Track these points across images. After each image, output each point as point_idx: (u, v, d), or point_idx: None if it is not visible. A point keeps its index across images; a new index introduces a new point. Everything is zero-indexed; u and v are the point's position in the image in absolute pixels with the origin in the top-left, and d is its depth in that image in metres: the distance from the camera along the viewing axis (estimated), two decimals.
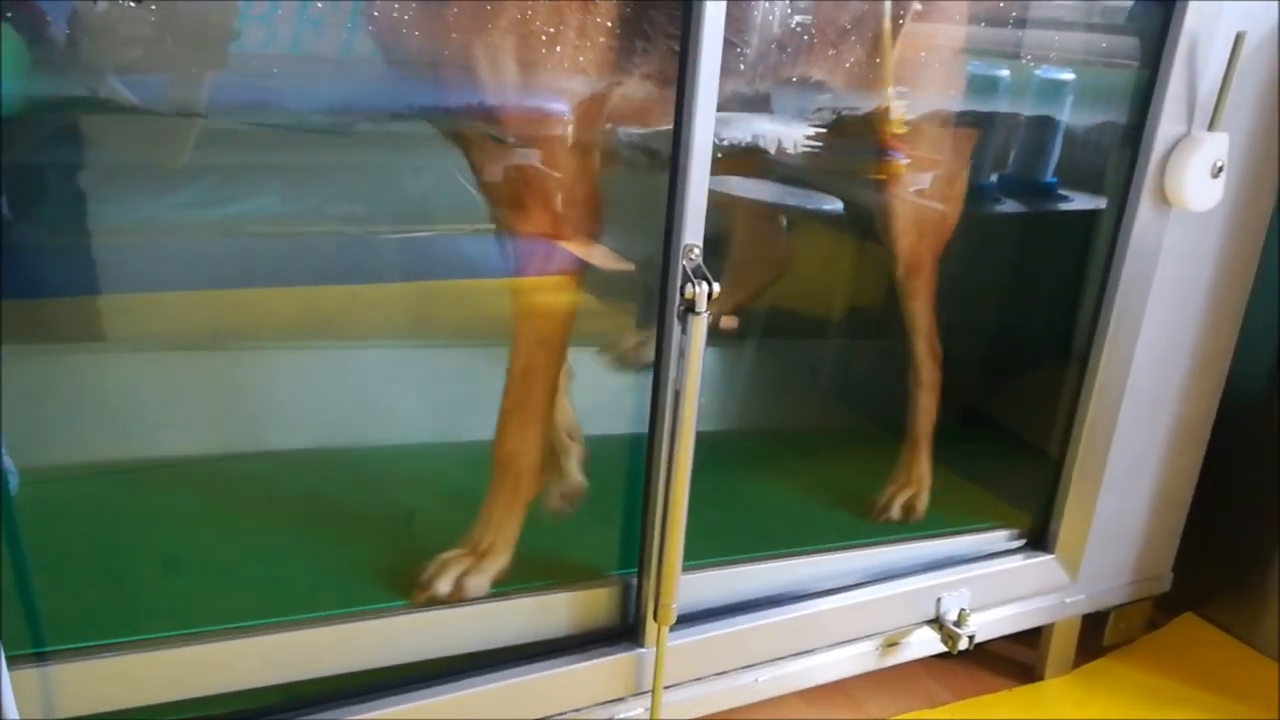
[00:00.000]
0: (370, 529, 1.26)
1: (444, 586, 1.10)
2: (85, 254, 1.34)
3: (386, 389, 1.48)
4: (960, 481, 1.53)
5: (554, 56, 1.02)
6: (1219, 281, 1.34)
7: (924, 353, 1.43)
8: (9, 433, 1.07)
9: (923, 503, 1.42)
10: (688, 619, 1.14)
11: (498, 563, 1.13)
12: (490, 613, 1.09)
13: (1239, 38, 1.17)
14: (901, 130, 1.35)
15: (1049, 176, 1.64)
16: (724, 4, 0.92)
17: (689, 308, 0.98)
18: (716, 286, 0.97)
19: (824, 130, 1.34)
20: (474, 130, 1.07)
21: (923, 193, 1.40)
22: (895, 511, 1.40)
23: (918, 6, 1.29)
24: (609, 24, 1.04)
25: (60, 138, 1.23)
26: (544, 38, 1.01)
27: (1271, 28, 1.22)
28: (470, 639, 1.08)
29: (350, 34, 0.99)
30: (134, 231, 1.39)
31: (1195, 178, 1.21)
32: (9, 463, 1.08)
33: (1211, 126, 1.21)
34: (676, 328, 1.00)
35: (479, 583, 1.11)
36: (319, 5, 0.97)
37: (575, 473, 1.32)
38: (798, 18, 1.22)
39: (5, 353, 1.17)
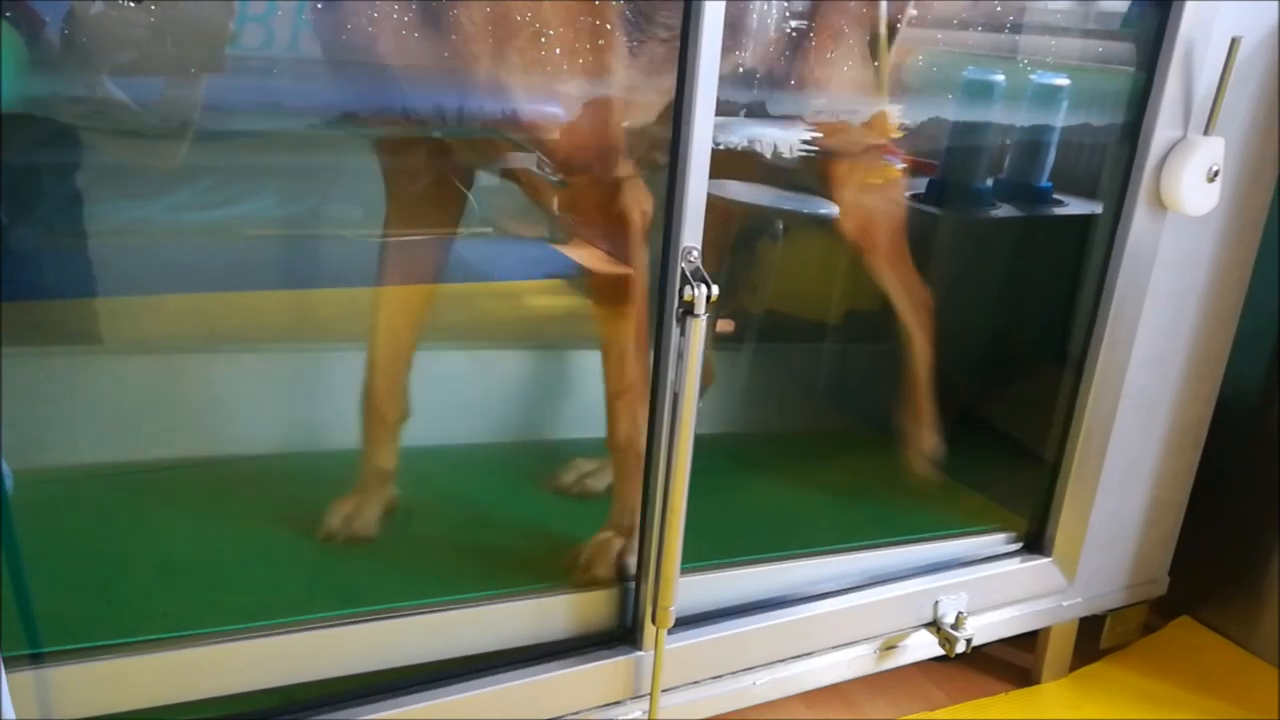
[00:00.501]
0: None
1: (604, 570, 1.15)
2: (80, 256, 1.34)
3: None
4: (957, 485, 1.53)
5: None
6: (1214, 285, 1.34)
7: (908, 308, 1.45)
8: (4, 435, 1.06)
9: (938, 445, 1.47)
10: (686, 622, 1.14)
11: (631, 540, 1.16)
12: (489, 615, 1.08)
13: (1234, 42, 1.18)
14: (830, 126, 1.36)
15: (1045, 181, 1.65)
16: (723, 4, 0.92)
17: (688, 310, 0.98)
18: (715, 289, 0.97)
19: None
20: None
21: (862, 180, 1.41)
22: (920, 463, 1.46)
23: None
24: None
25: (54, 139, 1.23)
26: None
27: (1267, 32, 1.23)
28: (468, 642, 1.07)
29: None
30: (128, 234, 1.38)
31: (1191, 182, 1.21)
32: (4, 465, 1.07)
33: (1207, 131, 1.22)
34: (675, 330, 1.00)
35: (632, 560, 1.15)
36: (318, 5, 0.97)
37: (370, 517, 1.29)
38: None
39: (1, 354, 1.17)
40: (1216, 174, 1.22)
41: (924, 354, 1.48)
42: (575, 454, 1.43)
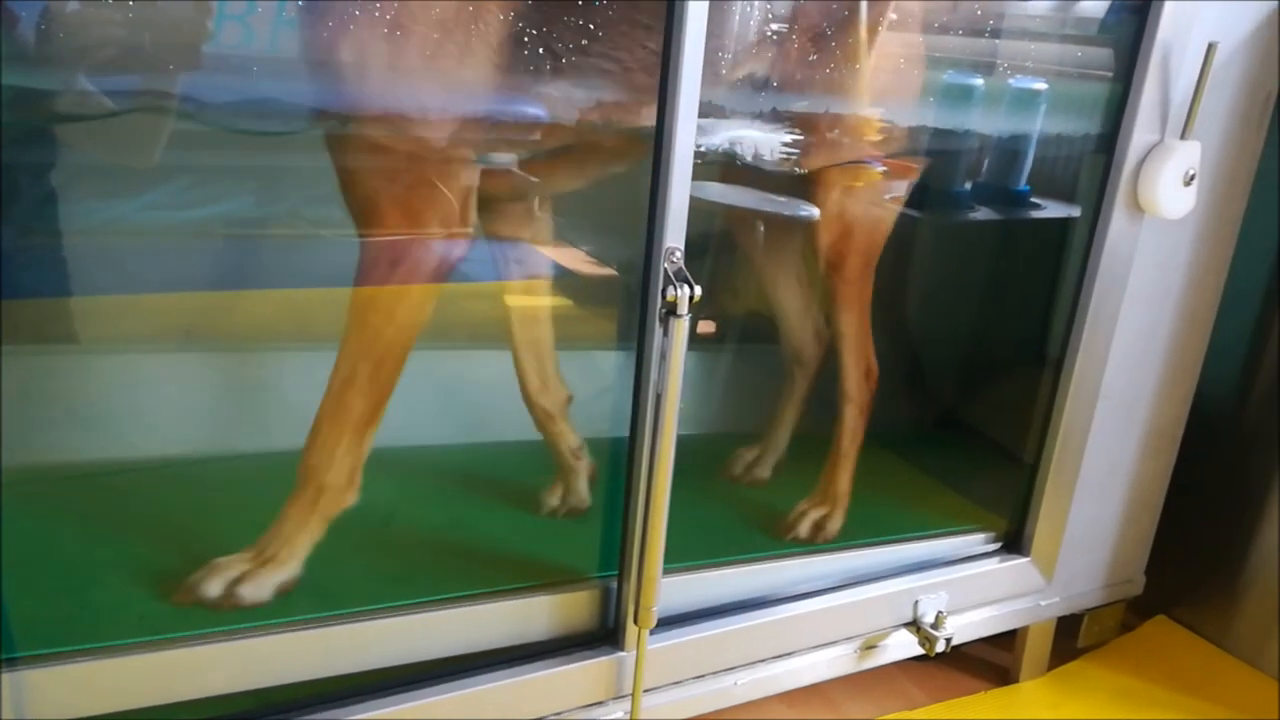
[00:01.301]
0: (345, 532, 1.25)
1: (213, 590, 1.05)
2: (55, 256, 1.32)
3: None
4: (936, 485, 1.54)
5: None
6: (1191, 287, 1.36)
7: (851, 366, 1.37)
8: None
9: (835, 525, 1.37)
10: (667, 622, 1.14)
11: (280, 574, 1.08)
12: (470, 616, 1.08)
13: (1211, 47, 1.19)
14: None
15: (1023, 185, 1.66)
16: (706, 5, 0.92)
17: (670, 310, 0.98)
18: (698, 290, 0.98)
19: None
20: None
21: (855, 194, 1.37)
22: (804, 530, 1.35)
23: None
24: None
25: (28, 138, 1.22)
26: None
27: (1243, 37, 1.24)
28: (449, 643, 1.07)
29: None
30: (104, 233, 1.37)
31: (1168, 185, 1.23)
32: None
33: (1184, 135, 1.23)
34: (658, 330, 1.00)
35: (257, 591, 1.06)
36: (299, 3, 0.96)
37: (583, 491, 1.33)
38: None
39: None
40: (1193, 178, 1.23)
41: (854, 427, 1.39)
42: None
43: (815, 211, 1.35)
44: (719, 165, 1.34)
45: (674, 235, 0.99)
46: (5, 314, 1.27)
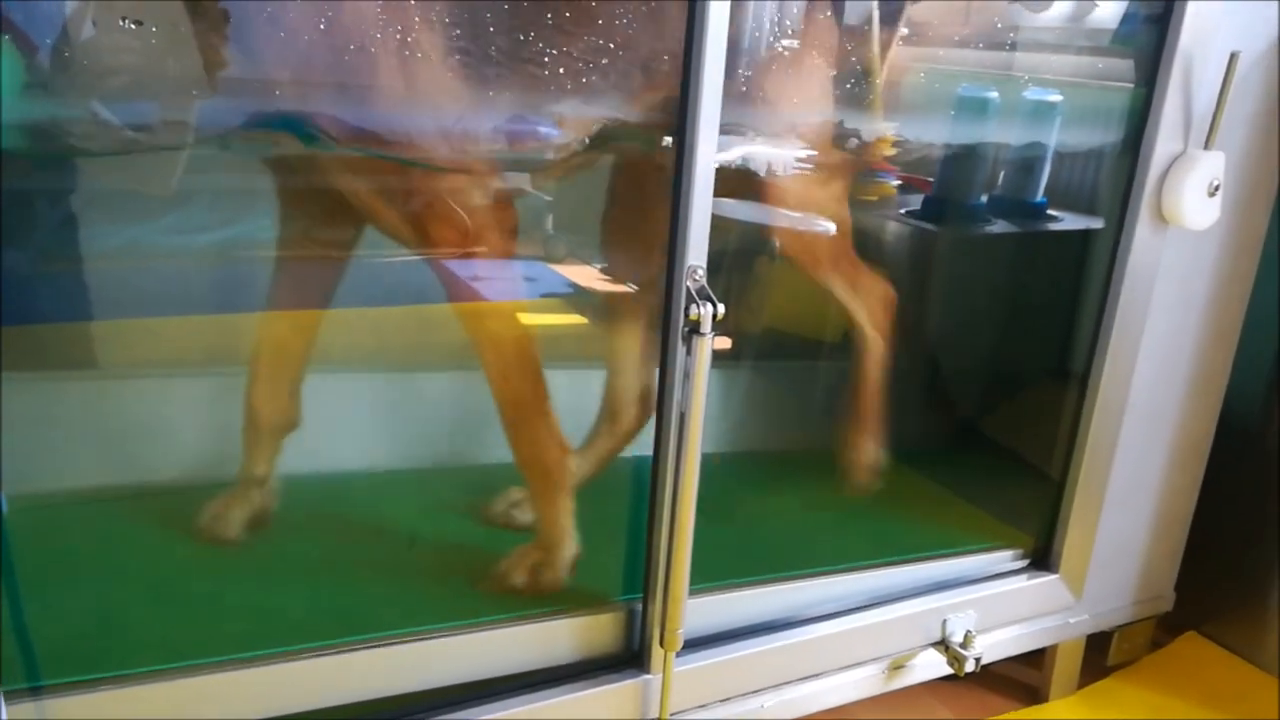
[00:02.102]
0: (367, 556, 1.24)
1: (519, 578, 1.16)
2: (75, 280, 1.32)
3: (380, 413, 1.47)
4: (960, 502, 1.52)
5: None
6: (1216, 299, 1.34)
7: (853, 300, 1.40)
8: None
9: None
10: (693, 644, 1.12)
11: (565, 552, 1.18)
12: (494, 640, 1.07)
13: (1234, 57, 1.18)
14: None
15: (1039, 197, 1.65)
16: (726, 21, 0.92)
17: (693, 329, 0.97)
18: (721, 308, 0.97)
19: None
20: None
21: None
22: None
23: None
24: None
25: (46, 165, 1.22)
26: None
27: (1266, 46, 1.23)
28: (474, 667, 1.06)
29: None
30: (122, 257, 1.37)
31: (1192, 196, 1.21)
32: None
33: (1208, 145, 1.22)
34: (681, 349, 0.99)
35: (553, 577, 1.17)
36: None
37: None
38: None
39: None
40: (1217, 188, 1.22)
41: (877, 352, 1.42)
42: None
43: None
44: None
45: (696, 253, 0.98)
46: (25, 340, 1.27)
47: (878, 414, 1.45)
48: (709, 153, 0.96)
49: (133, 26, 0.89)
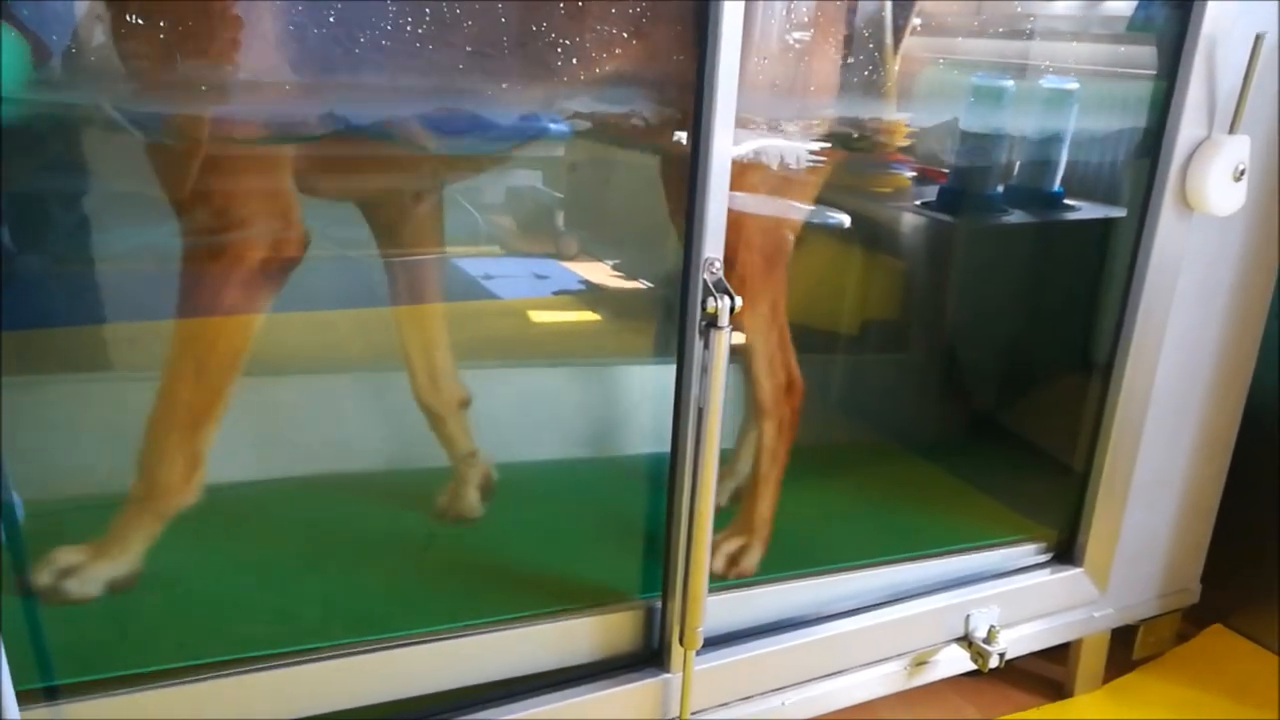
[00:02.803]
0: (383, 555, 1.24)
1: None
2: (88, 282, 1.32)
3: (395, 413, 1.46)
4: (981, 496, 1.51)
5: None
6: (1242, 286, 1.32)
7: (764, 377, 1.22)
8: (15, 464, 1.04)
9: (752, 559, 1.23)
10: (712, 642, 1.11)
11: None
12: (511, 640, 1.06)
13: (1258, 39, 1.16)
14: None
15: (1056, 186, 1.63)
16: (741, 10, 0.91)
17: (711, 322, 0.96)
18: (739, 300, 0.95)
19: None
20: None
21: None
22: (718, 564, 1.21)
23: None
24: None
25: (59, 167, 1.22)
26: None
27: None
28: (491, 667, 1.05)
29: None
30: (136, 259, 1.37)
31: (1217, 181, 1.19)
32: (15, 495, 1.05)
33: (1232, 129, 1.20)
34: (698, 343, 0.97)
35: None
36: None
37: (471, 499, 1.33)
38: None
39: (11, 383, 1.15)
40: (1243, 173, 1.20)
41: (773, 447, 1.25)
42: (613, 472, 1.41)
43: None
44: None
45: (712, 246, 0.97)
46: (36, 343, 1.27)
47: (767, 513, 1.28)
48: (725, 144, 0.95)
49: (139, 21, 0.88)
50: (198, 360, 1.06)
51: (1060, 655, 1.44)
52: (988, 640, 1.26)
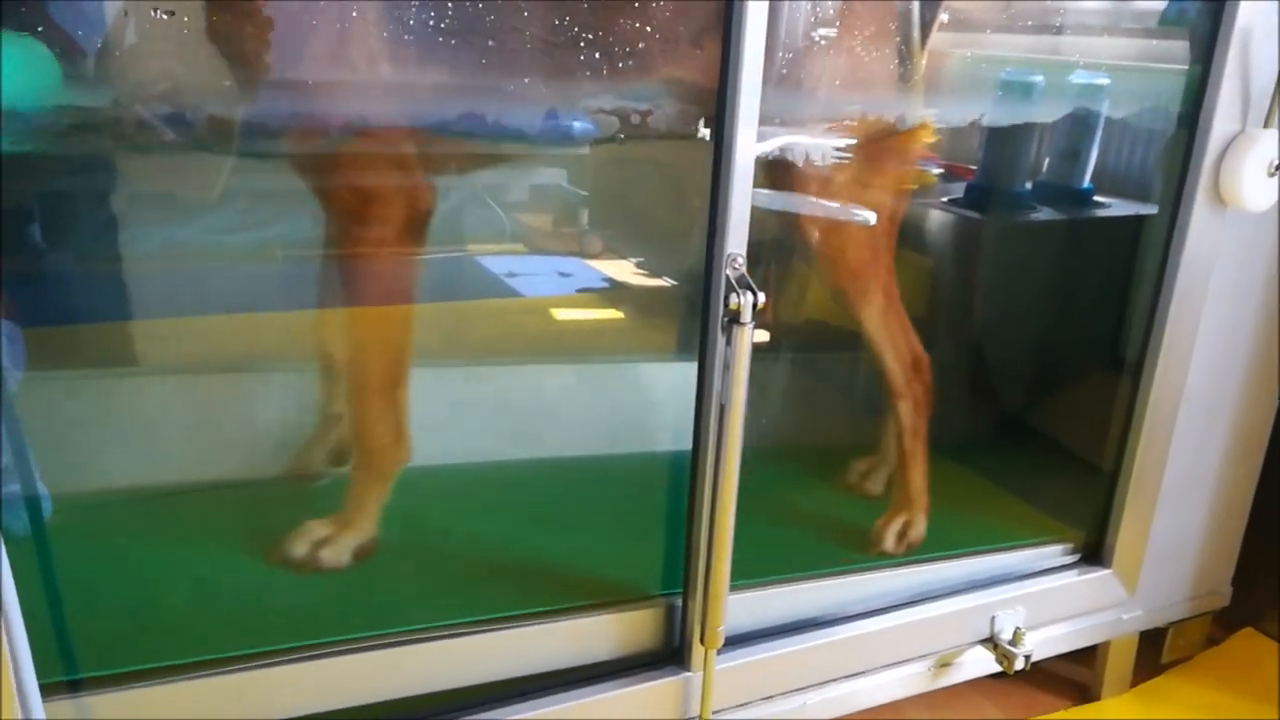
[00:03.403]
0: (402, 550, 1.24)
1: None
2: (116, 279, 1.33)
3: (413, 409, 1.46)
4: (1007, 496, 1.49)
5: None
6: (1275, 283, 1.30)
7: (892, 361, 1.31)
8: (42, 458, 1.05)
9: (918, 531, 1.32)
10: (734, 641, 1.10)
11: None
12: (531, 636, 1.06)
13: None
14: None
15: (1086, 183, 1.61)
16: (766, 6, 0.90)
17: (733, 318, 0.95)
18: (762, 296, 0.94)
19: None
20: None
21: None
22: (889, 543, 1.30)
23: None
24: None
25: (90, 165, 1.23)
26: None
27: None
28: (510, 664, 1.05)
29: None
30: (164, 257, 1.38)
31: (1251, 176, 1.17)
32: (42, 488, 1.06)
33: (1267, 124, 1.18)
34: (720, 339, 0.97)
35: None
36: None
37: None
38: None
39: (38, 379, 1.16)
40: (1278, 168, 1.18)
41: (914, 425, 1.33)
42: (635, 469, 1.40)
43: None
44: None
45: (735, 241, 0.96)
46: (65, 339, 1.28)
47: (921, 482, 1.36)
48: (749, 141, 0.94)
49: (165, 17, 0.88)
50: (378, 331, 1.16)
51: (1087, 658, 1.42)
52: (1013, 642, 1.25)
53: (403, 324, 1.17)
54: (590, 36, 1.05)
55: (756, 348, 0.97)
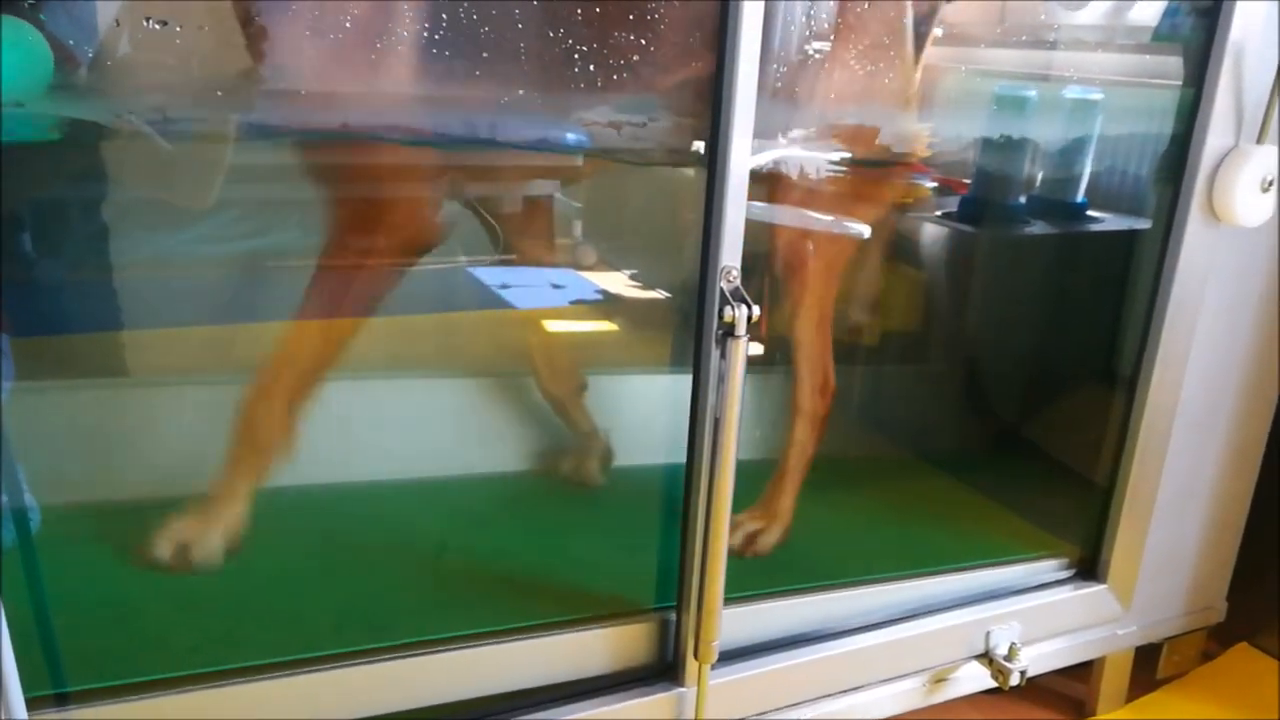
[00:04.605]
0: (396, 562, 1.23)
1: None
2: (106, 289, 1.33)
3: (406, 422, 1.46)
4: (1001, 510, 1.49)
5: None
6: (1270, 298, 1.30)
7: (805, 376, 1.32)
8: (29, 470, 1.04)
9: (769, 540, 1.30)
10: (727, 656, 1.10)
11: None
12: (523, 650, 1.05)
13: None
14: None
15: (1080, 197, 1.62)
16: (760, 18, 0.90)
17: (728, 331, 0.95)
18: (756, 309, 0.94)
19: None
20: None
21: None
22: (736, 539, 1.27)
23: None
24: None
25: (82, 174, 1.23)
26: None
27: None
28: (503, 678, 1.04)
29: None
30: (155, 266, 1.38)
31: (1245, 192, 1.17)
32: (30, 499, 1.06)
33: (1260, 139, 1.18)
34: (715, 352, 0.96)
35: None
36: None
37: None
38: None
39: (27, 389, 1.15)
40: (1271, 184, 1.18)
41: (803, 441, 1.33)
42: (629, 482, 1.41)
43: None
44: None
45: (730, 254, 0.96)
46: (54, 349, 1.27)
47: (789, 502, 1.34)
48: (743, 153, 0.94)
49: (157, 27, 0.88)
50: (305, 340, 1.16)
51: (1082, 673, 1.42)
52: (1008, 657, 1.24)
53: (330, 338, 1.16)
54: (584, 49, 1.05)
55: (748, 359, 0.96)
